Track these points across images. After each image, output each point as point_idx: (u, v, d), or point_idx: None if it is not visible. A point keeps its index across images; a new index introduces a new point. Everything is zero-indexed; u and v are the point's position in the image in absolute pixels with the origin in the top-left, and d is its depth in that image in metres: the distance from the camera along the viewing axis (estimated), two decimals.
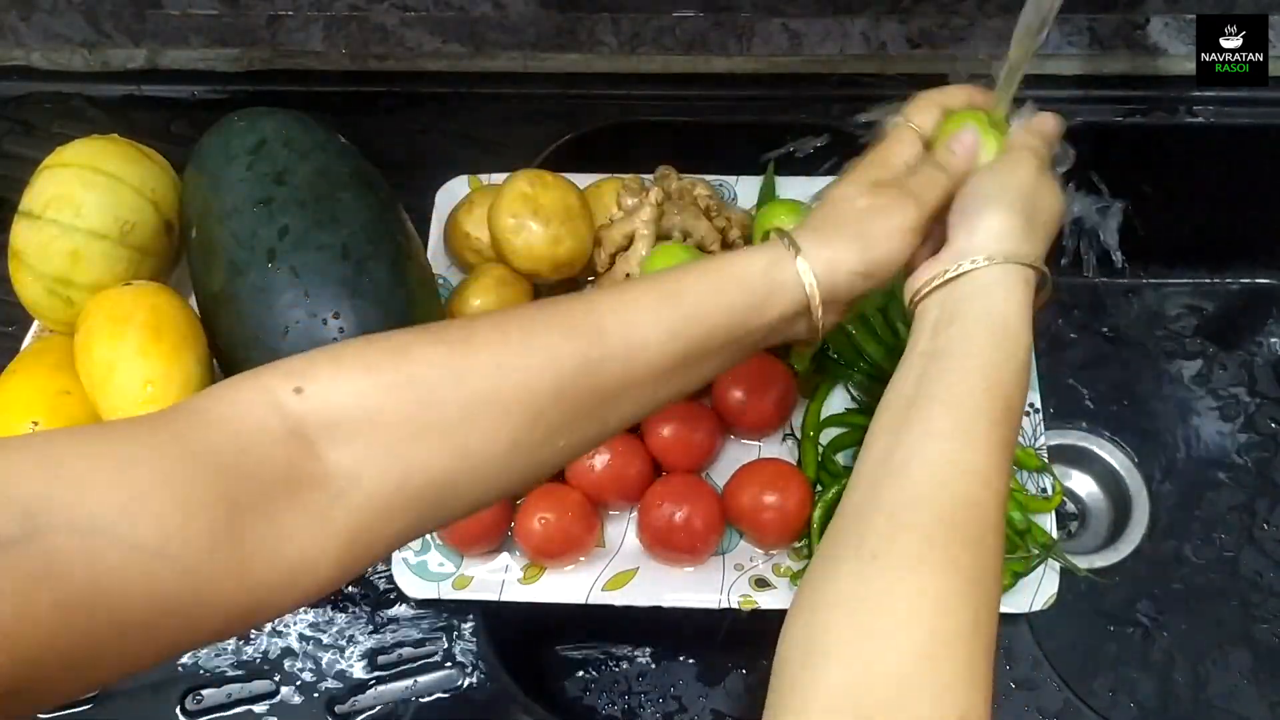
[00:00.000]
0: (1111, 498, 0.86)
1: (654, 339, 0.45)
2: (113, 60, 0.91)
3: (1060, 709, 0.63)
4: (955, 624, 0.38)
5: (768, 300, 0.47)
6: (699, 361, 0.46)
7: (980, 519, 0.41)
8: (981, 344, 0.45)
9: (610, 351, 0.43)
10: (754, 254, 0.49)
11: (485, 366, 0.41)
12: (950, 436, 0.43)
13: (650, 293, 0.46)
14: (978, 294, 0.47)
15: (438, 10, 0.84)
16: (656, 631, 0.77)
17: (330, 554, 0.38)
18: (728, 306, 0.47)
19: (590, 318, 0.44)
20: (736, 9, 0.82)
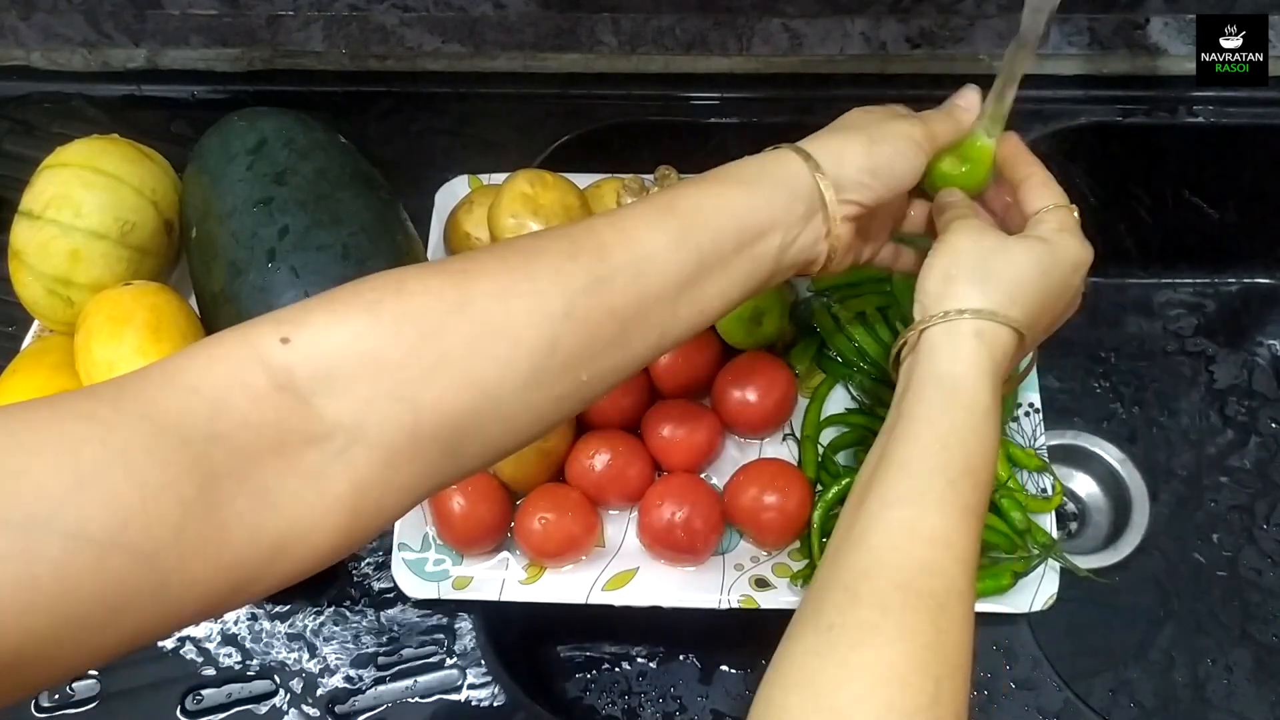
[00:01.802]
0: (1111, 498, 0.86)
1: (659, 249, 0.43)
2: (113, 60, 0.91)
3: (1060, 709, 0.63)
4: (912, 697, 0.36)
5: (773, 195, 0.46)
6: (711, 273, 0.44)
7: (940, 585, 0.39)
8: (933, 406, 0.44)
9: (617, 267, 0.41)
10: (749, 159, 0.48)
11: (488, 292, 0.39)
12: (906, 502, 0.42)
13: (647, 208, 0.45)
14: (927, 357, 0.46)
15: (438, 10, 0.84)
16: (656, 631, 0.77)
17: (331, 519, 0.35)
18: (729, 210, 0.45)
19: (591, 238, 0.42)
20: (736, 9, 0.82)
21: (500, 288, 0.39)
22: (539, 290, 0.39)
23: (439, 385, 0.37)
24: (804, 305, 0.75)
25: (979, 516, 0.43)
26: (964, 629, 0.40)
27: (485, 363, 0.38)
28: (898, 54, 0.85)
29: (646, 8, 0.82)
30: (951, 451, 0.43)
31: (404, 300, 0.37)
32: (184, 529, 0.31)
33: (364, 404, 0.35)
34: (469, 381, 0.37)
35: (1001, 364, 0.46)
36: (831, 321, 0.72)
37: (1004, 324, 0.46)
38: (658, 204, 0.45)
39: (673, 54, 0.87)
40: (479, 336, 0.38)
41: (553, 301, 0.40)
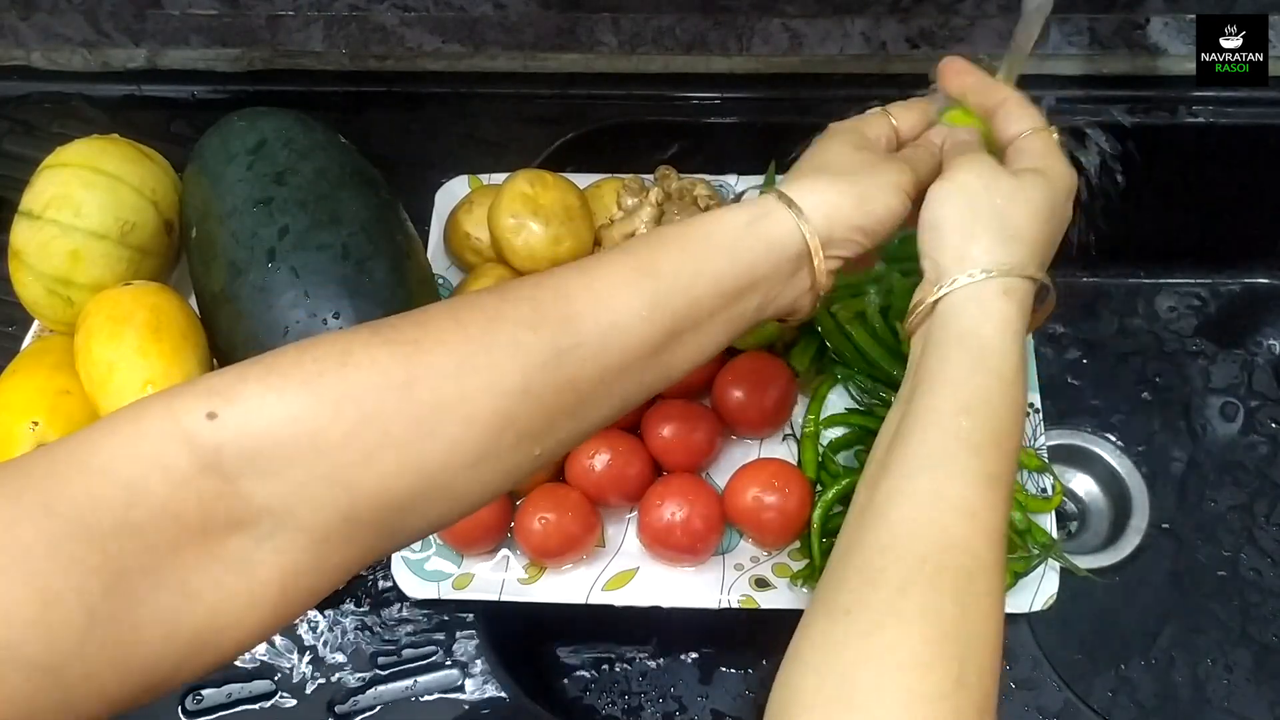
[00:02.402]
0: (1111, 498, 0.86)
1: (630, 318, 0.40)
2: (113, 60, 0.91)
3: (1060, 709, 0.63)
4: (935, 681, 0.34)
5: (756, 260, 0.43)
6: (684, 339, 0.42)
7: (965, 560, 0.37)
8: (958, 369, 0.42)
9: (583, 338, 0.38)
10: (736, 211, 0.44)
11: (441, 369, 0.36)
12: (928, 471, 0.39)
13: (622, 267, 0.41)
14: (951, 318, 0.43)
15: (438, 10, 0.84)
16: (656, 631, 0.77)
17: (257, 607, 0.33)
18: (711, 272, 0.42)
19: (558, 302, 0.39)
20: (736, 9, 0.82)
21: (455, 362, 0.36)
22: (496, 364, 0.37)
23: (379, 468, 0.34)
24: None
25: (1008, 486, 0.40)
26: (992, 605, 0.37)
27: (432, 444, 0.35)
28: (898, 54, 0.85)
29: (646, 8, 0.82)
30: (977, 417, 0.40)
31: (347, 375, 0.34)
32: (90, 636, 0.28)
33: (296, 487, 0.33)
34: (413, 464, 0.35)
35: (1026, 318, 0.44)
36: (831, 321, 0.72)
37: (1025, 278, 0.44)
38: (638, 262, 0.42)
39: (673, 54, 0.87)
40: (427, 417, 0.35)
41: (510, 377, 0.37)
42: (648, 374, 0.41)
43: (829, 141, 0.49)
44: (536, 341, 0.38)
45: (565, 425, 0.39)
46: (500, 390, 0.36)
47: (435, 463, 0.35)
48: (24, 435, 0.60)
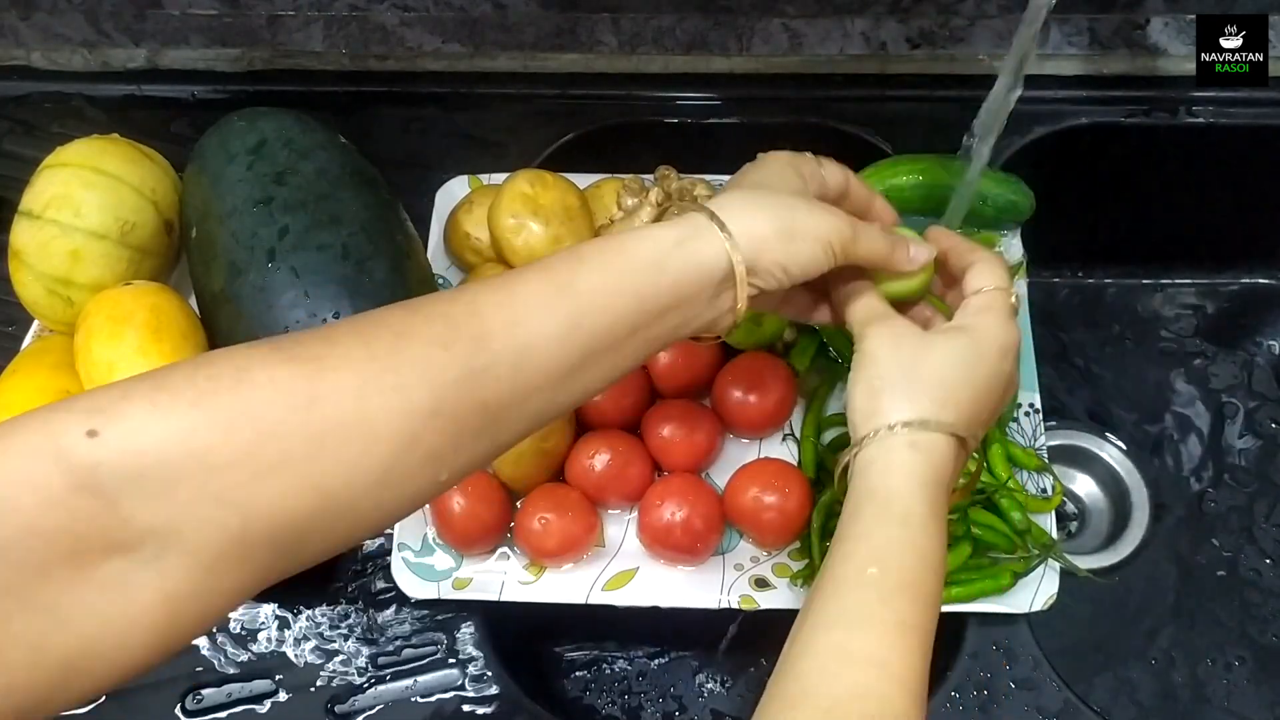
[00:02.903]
0: (1111, 498, 0.86)
1: (546, 338, 0.39)
2: (113, 60, 0.91)
3: (1060, 709, 0.63)
4: None
5: (681, 280, 0.42)
6: (599, 358, 0.41)
7: (874, 708, 0.37)
8: (865, 522, 0.42)
9: (496, 358, 0.37)
10: (664, 229, 0.43)
11: (344, 387, 0.34)
12: (837, 624, 0.40)
13: (540, 283, 0.40)
14: (860, 475, 0.44)
15: (438, 10, 0.84)
16: (656, 631, 0.77)
17: (139, 632, 0.31)
18: (633, 291, 0.41)
19: (472, 320, 0.38)
20: (736, 9, 0.82)
21: (359, 381, 0.35)
22: (403, 384, 0.35)
23: (275, 488, 0.33)
24: None
25: (923, 631, 0.40)
26: None
27: (333, 464, 0.34)
28: (898, 54, 0.85)
29: (646, 8, 0.82)
30: (885, 567, 0.41)
31: (243, 392, 0.33)
32: None
33: (182, 508, 0.31)
34: (312, 485, 0.33)
35: (943, 471, 0.44)
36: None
37: (938, 430, 0.44)
38: (555, 278, 0.40)
39: (673, 54, 0.87)
40: (327, 436, 0.34)
41: (417, 396, 0.35)
42: (560, 394, 0.40)
43: (768, 163, 0.49)
44: (448, 360, 0.36)
45: (473, 446, 0.38)
46: (407, 410, 0.35)
47: (337, 483, 0.34)
48: None
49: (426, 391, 0.36)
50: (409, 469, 0.36)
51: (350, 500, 0.35)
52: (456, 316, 0.38)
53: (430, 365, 0.36)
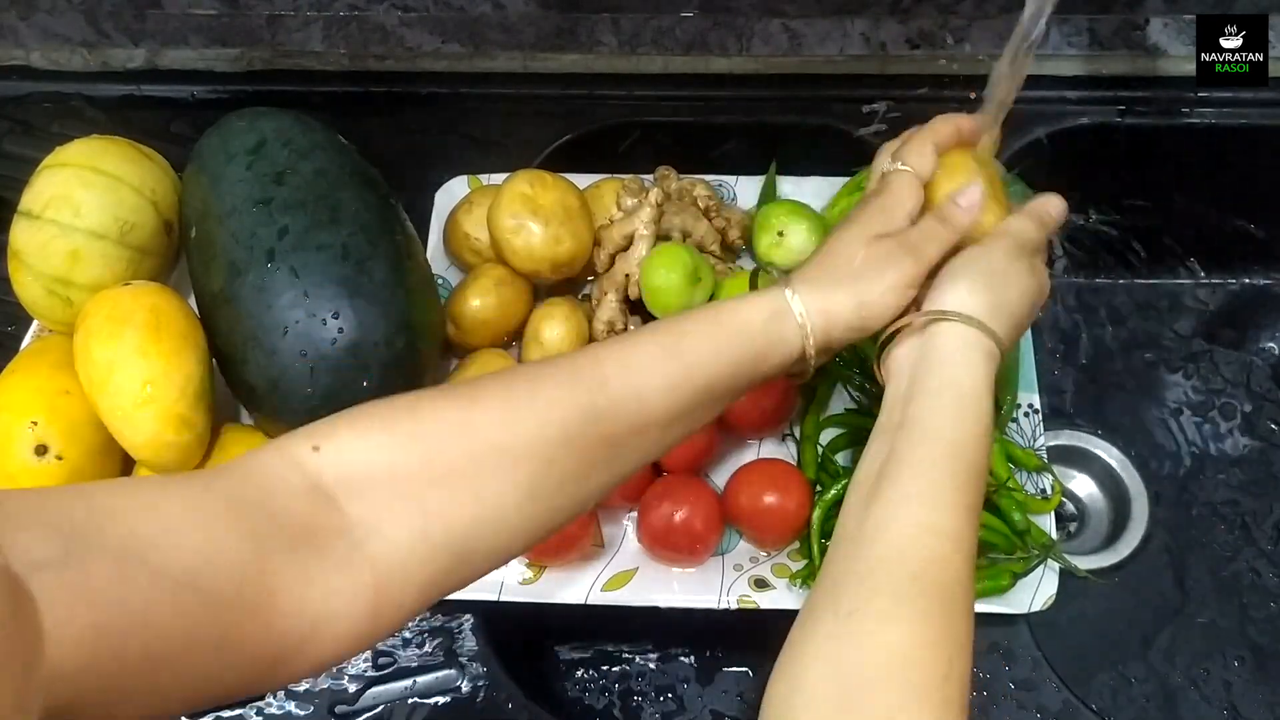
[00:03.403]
0: (1111, 498, 0.86)
1: (656, 390, 0.46)
2: (113, 60, 0.91)
3: (1060, 709, 0.63)
4: (927, 675, 0.39)
5: (766, 352, 0.49)
6: (700, 408, 0.48)
7: (950, 575, 0.43)
8: (945, 414, 0.47)
9: (614, 401, 0.45)
10: (755, 304, 0.50)
11: (492, 418, 0.43)
12: (919, 500, 0.45)
13: (652, 345, 0.48)
14: (941, 365, 0.49)
15: (437, 10, 0.84)
16: (656, 631, 0.77)
17: (357, 605, 0.38)
18: (729, 359, 0.48)
19: (594, 369, 0.46)
20: (736, 9, 0.82)
21: (503, 414, 0.43)
22: (539, 416, 0.43)
23: (444, 495, 0.41)
24: None
25: (977, 515, 0.46)
26: (968, 614, 0.43)
27: (487, 480, 0.42)
28: (897, 54, 0.85)
29: (646, 8, 0.82)
30: (962, 458, 0.46)
31: (417, 418, 0.42)
32: (243, 585, 0.35)
33: (380, 506, 0.40)
34: (471, 497, 0.41)
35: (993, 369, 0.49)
36: None
37: (1002, 352, 0.50)
38: (664, 343, 0.48)
39: (672, 54, 0.87)
40: (483, 454, 0.42)
41: (551, 428, 0.43)
42: (668, 435, 0.48)
43: (846, 231, 0.52)
44: (574, 400, 0.44)
45: (600, 472, 0.46)
46: (544, 437, 0.43)
47: (492, 494, 0.42)
48: (23, 435, 0.60)
49: (558, 425, 0.43)
50: (549, 488, 0.43)
51: (504, 512, 0.42)
52: (582, 367, 0.46)
53: (560, 404, 0.44)
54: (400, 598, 0.40)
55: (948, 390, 0.48)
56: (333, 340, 0.59)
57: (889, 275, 0.50)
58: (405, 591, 0.40)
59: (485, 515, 0.42)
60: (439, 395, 0.44)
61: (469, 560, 0.42)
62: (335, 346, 0.59)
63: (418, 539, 0.40)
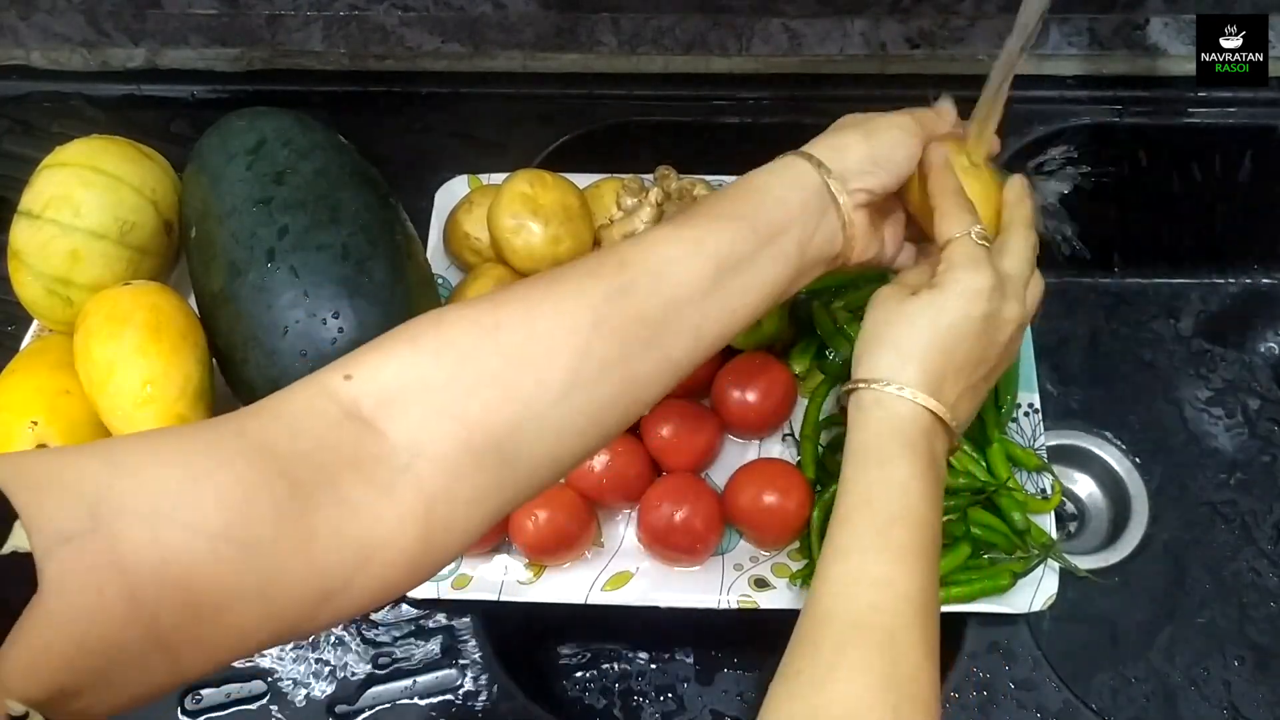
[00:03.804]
0: (1111, 498, 0.86)
1: (677, 256, 0.45)
2: (112, 60, 0.91)
3: (1060, 709, 0.63)
4: None
5: (783, 194, 0.49)
6: (737, 272, 0.47)
7: (887, 620, 0.43)
8: (854, 469, 0.48)
9: (638, 276, 0.44)
10: (758, 171, 0.51)
11: (517, 317, 0.42)
12: (847, 553, 0.45)
13: (664, 226, 0.48)
14: (851, 425, 0.50)
15: (437, 10, 0.84)
16: (656, 631, 0.77)
17: (407, 528, 0.38)
18: (741, 215, 0.48)
19: (610, 255, 0.46)
20: (736, 9, 0.82)
21: (528, 309, 0.43)
22: (565, 308, 0.43)
23: (481, 401, 0.40)
24: (803, 306, 0.75)
25: (923, 554, 0.45)
26: (918, 657, 0.43)
27: (522, 376, 0.41)
28: (897, 54, 0.85)
29: (646, 8, 0.82)
30: (874, 505, 0.46)
31: (442, 331, 0.42)
32: (280, 527, 0.34)
33: (419, 424, 0.39)
34: (509, 396, 0.40)
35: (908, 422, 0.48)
36: (831, 322, 0.72)
37: (897, 391, 0.48)
38: (674, 221, 0.48)
39: (672, 54, 0.87)
40: (512, 354, 0.41)
41: (579, 314, 0.43)
42: (710, 308, 0.46)
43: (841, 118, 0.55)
44: (595, 284, 0.44)
45: (643, 357, 0.44)
46: (572, 325, 0.42)
47: (528, 392, 0.41)
48: (23, 435, 0.60)
49: (585, 309, 0.43)
50: (589, 378, 0.42)
51: (543, 409, 0.41)
52: (598, 256, 0.46)
53: (582, 290, 0.44)
54: (451, 516, 0.39)
55: (852, 449, 0.49)
56: (333, 340, 0.59)
57: (891, 117, 0.53)
58: (455, 509, 0.39)
59: (526, 414, 0.41)
60: (462, 306, 0.43)
61: (518, 466, 0.41)
62: (335, 346, 0.59)
63: (461, 451, 0.39)
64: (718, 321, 0.47)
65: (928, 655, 0.43)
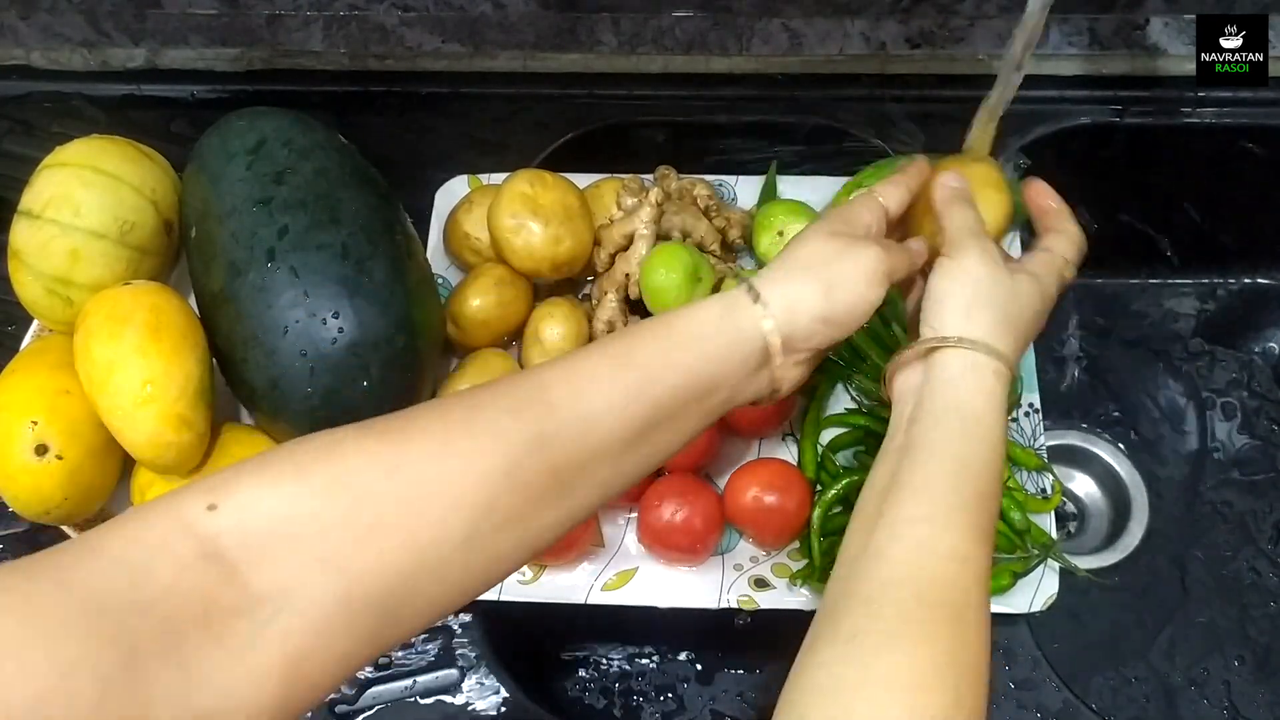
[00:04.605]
0: (1111, 498, 0.86)
1: (608, 407, 0.42)
2: (113, 60, 0.91)
3: (1060, 709, 0.63)
4: (935, 702, 0.37)
5: (726, 352, 0.45)
6: (659, 428, 0.44)
7: (958, 597, 0.40)
8: (951, 434, 0.45)
9: (562, 425, 0.41)
10: (709, 304, 0.47)
11: (426, 452, 0.38)
12: (925, 522, 0.42)
13: (601, 359, 0.44)
14: (947, 386, 0.46)
15: (437, 10, 0.84)
16: (656, 631, 0.77)
17: (264, 692, 0.33)
18: (684, 365, 0.44)
19: (538, 392, 0.42)
20: (736, 9, 0.82)
21: (438, 446, 0.38)
22: (478, 448, 0.39)
23: (372, 550, 0.36)
24: None
25: (990, 538, 0.43)
26: (981, 641, 0.40)
27: (420, 524, 0.37)
28: (898, 54, 0.85)
29: (646, 8, 0.82)
30: (968, 477, 0.44)
31: (336, 463, 0.37)
32: (105, 709, 0.29)
33: (293, 572, 0.34)
34: (404, 544, 0.36)
35: (1000, 396, 0.47)
36: None
37: (1008, 368, 0.47)
38: (613, 354, 0.44)
39: (672, 54, 0.87)
40: (414, 498, 0.37)
41: (493, 460, 0.39)
42: (626, 462, 0.43)
43: (807, 231, 0.50)
44: (517, 426, 0.40)
45: (547, 510, 0.41)
46: (483, 472, 0.38)
47: (425, 541, 0.37)
48: (24, 435, 0.60)
49: (500, 457, 0.39)
50: (491, 530, 0.39)
51: (440, 560, 0.37)
52: (523, 390, 0.42)
53: (501, 432, 0.39)
54: (316, 676, 0.35)
55: (952, 412, 0.46)
56: (333, 340, 0.59)
57: (859, 260, 0.47)
58: (323, 668, 0.35)
59: (418, 567, 0.37)
60: (364, 432, 0.38)
61: (398, 621, 0.37)
62: (335, 346, 0.59)
63: (338, 605, 0.35)
64: (628, 475, 0.44)
65: (985, 641, 0.41)
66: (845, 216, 0.50)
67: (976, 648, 0.40)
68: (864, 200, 0.52)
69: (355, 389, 0.60)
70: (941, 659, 0.38)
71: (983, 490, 0.44)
